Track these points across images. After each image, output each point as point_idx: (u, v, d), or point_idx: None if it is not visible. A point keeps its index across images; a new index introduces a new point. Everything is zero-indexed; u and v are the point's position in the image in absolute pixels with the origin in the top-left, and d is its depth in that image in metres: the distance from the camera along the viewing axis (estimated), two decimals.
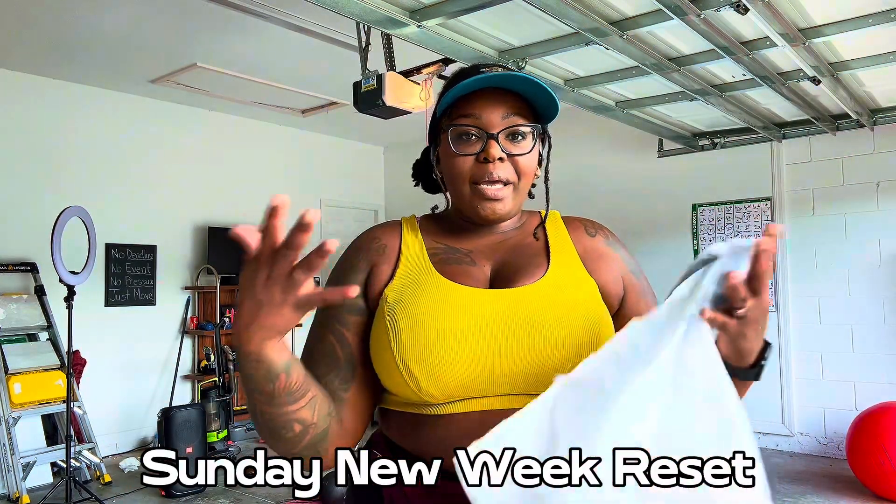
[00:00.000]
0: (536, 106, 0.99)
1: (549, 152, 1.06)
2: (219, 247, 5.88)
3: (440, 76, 3.74)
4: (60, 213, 3.96)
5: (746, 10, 2.55)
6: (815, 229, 4.95)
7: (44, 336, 4.77)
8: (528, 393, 0.88)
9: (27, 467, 4.24)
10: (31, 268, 4.81)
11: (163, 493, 4.16)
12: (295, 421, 0.86)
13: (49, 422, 4.65)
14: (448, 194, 1.06)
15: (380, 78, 3.37)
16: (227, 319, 5.99)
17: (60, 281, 3.94)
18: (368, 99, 3.42)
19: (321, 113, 6.11)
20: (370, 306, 0.98)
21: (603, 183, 5.96)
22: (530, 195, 1.07)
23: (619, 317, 0.99)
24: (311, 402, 0.86)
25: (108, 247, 5.32)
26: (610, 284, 1.01)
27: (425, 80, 3.62)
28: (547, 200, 1.07)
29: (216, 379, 5.31)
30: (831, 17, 2.96)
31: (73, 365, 4.42)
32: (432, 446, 0.90)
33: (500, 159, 0.96)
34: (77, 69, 4.88)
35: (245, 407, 6.11)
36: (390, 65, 3.56)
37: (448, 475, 0.83)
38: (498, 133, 0.96)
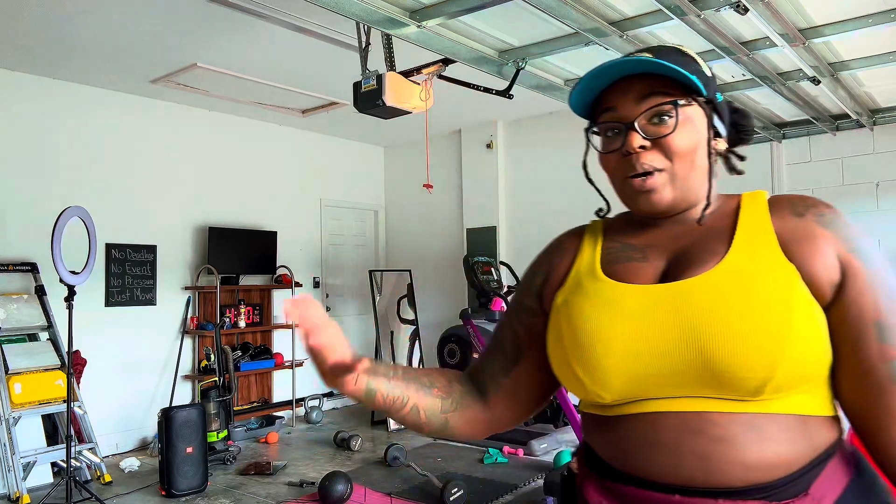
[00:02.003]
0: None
1: (710, 122, 0.92)
2: (219, 247, 5.89)
3: (440, 76, 3.74)
4: (60, 213, 3.96)
5: (746, 10, 2.55)
6: None
7: (44, 336, 4.78)
8: (706, 396, 0.82)
9: (27, 467, 4.24)
10: (32, 268, 4.81)
11: (163, 493, 4.16)
12: (412, 423, 1.01)
13: (49, 422, 4.66)
14: None
15: (380, 78, 3.38)
16: (227, 319, 5.99)
17: (61, 281, 3.94)
18: (368, 99, 3.42)
19: (321, 113, 6.12)
20: (545, 308, 1.01)
21: (603, 183, 5.95)
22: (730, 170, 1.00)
23: (837, 308, 0.83)
24: (413, 409, 0.99)
25: (109, 247, 5.33)
26: (819, 269, 0.84)
27: (425, 80, 3.62)
28: (709, 182, 0.94)
29: (216, 379, 5.32)
30: (831, 17, 2.97)
31: (73, 365, 4.42)
32: (611, 448, 0.90)
33: (643, 147, 0.89)
34: (77, 69, 4.88)
35: (245, 407, 6.14)
36: (390, 65, 3.57)
37: (623, 477, 0.87)
38: (635, 120, 0.89)
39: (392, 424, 5.80)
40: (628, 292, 0.89)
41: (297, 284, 6.46)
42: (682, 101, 0.89)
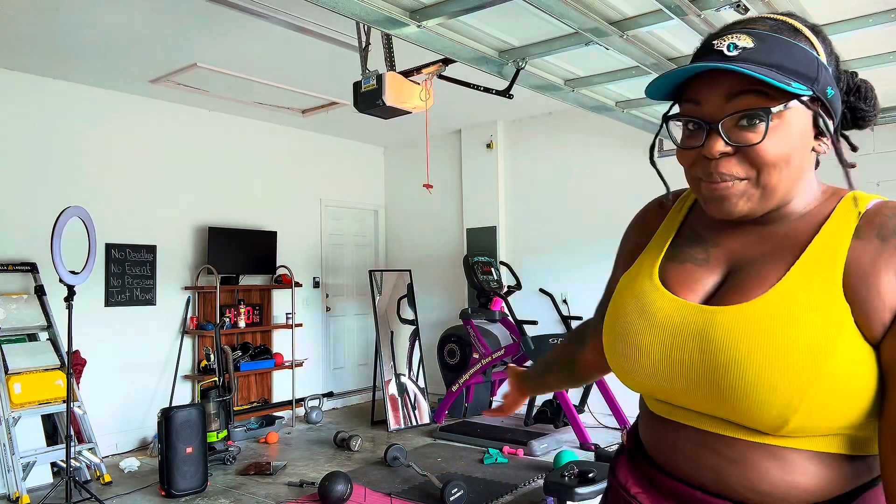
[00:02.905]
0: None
1: (836, 126, 0.85)
2: (219, 247, 5.89)
3: (440, 76, 3.74)
4: (60, 213, 3.96)
5: (747, 10, 2.55)
6: None
7: (44, 336, 4.77)
8: (725, 420, 0.80)
9: (27, 467, 4.24)
10: (31, 268, 4.81)
11: (162, 493, 4.16)
12: (569, 380, 1.29)
13: (49, 422, 4.65)
14: None
15: (380, 78, 3.38)
16: (227, 319, 5.99)
17: (60, 281, 3.94)
18: (368, 99, 3.42)
19: (321, 113, 6.12)
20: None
21: (603, 183, 5.96)
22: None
23: (881, 354, 0.75)
24: (558, 379, 1.33)
25: (108, 247, 5.33)
26: (876, 311, 0.74)
27: (425, 80, 3.62)
28: (850, 186, 0.86)
29: (216, 379, 5.32)
30: (831, 17, 2.96)
31: (73, 365, 4.42)
32: (648, 435, 0.95)
33: (725, 154, 0.80)
34: (77, 69, 4.88)
35: (245, 407, 6.13)
36: (390, 65, 3.57)
37: (654, 463, 0.93)
38: (720, 122, 0.79)
39: (392, 424, 5.80)
40: (665, 303, 0.86)
41: (297, 284, 6.46)
42: (776, 108, 0.78)
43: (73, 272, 3.97)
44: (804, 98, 0.79)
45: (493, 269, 6.16)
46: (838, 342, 0.73)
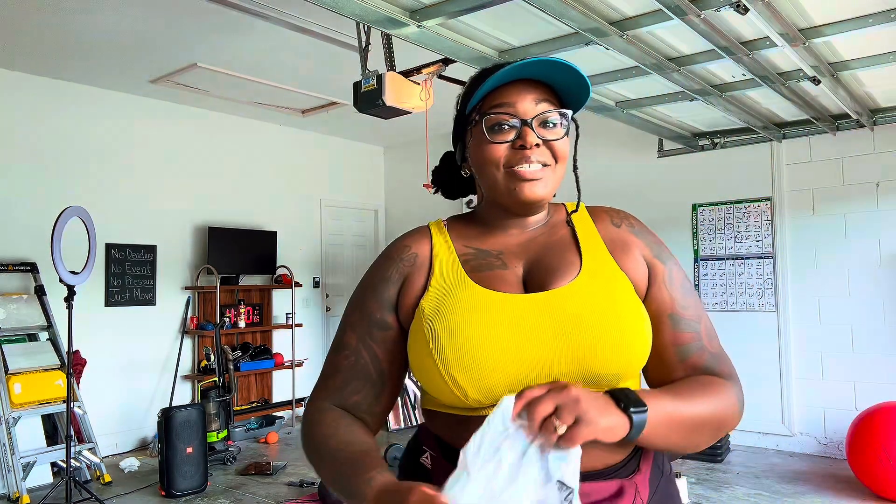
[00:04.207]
0: (565, 94, 1.02)
1: (577, 141, 1.06)
2: (219, 247, 5.89)
3: (440, 76, 3.73)
4: (60, 213, 3.96)
5: (746, 10, 2.55)
6: (815, 229, 4.95)
7: (44, 336, 4.77)
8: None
9: (27, 467, 4.24)
10: (32, 268, 4.81)
11: (162, 493, 4.16)
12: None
13: (49, 422, 4.65)
14: (481, 187, 1.07)
15: (380, 78, 3.37)
16: (227, 319, 5.99)
17: (60, 281, 3.95)
18: (368, 99, 3.41)
19: (321, 113, 6.12)
20: (402, 318, 1.02)
21: (603, 183, 5.95)
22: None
23: (646, 304, 0.99)
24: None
25: (108, 247, 5.33)
26: (637, 274, 1.01)
27: (425, 80, 3.62)
28: (578, 191, 1.07)
29: (216, 379, 5.32)
30: (831, 17, 2.96)
31: (73, 365, 4.42)
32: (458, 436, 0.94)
33: (537, 145, 0.97)
34: (77, 69, 4.88)
35: (245, 407, 6.12)
36: (390, 65, 3.56)
37: None
38: (532, 119, 0.97)
39: (392, 424, 5.80)
40: (504, 301, 0.94)
41: (297, 284, 6.46)
42: (570, 114, 1.01)
43: (73, 272, 3.97)
44: (573, 117, 1.03)
45: None
46: (635, 299, 0.97)
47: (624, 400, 0.82)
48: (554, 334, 0.90)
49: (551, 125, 0.99)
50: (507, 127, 0.98)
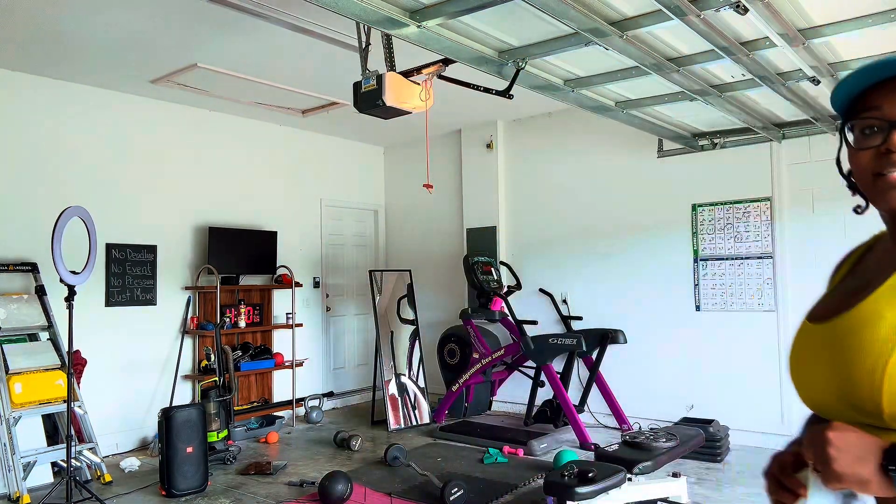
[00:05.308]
0: None
1: None
2: (219, 247, 5.89)
3: (440, 76, 3.74)
4: (60, 213, 3.96)
5: (746, 10, 2.55)
6: (815, 229, 4.95)
7: (44, 336, 4.78)
8: (865, 423, 0.86)
9: (28, 467, 4.24)
10: (32, 268, 4.82)
11: (163, 493, 4.17)
12: None
13: (49, 422, 4.66)
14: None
15: (380, 78, 3.38)
16: (227, 319, 5.99)
17: (61, 281, 3.95)
18: (368, 99, 3.42)
19: (321, 113, 6.12)
20: None
21: (603, 183, 5.96)
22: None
23: None
24: None
25: (109, 247, 5.33)
26: None
27: (425, 80, 3.63)
28: None
29: (216, 379, 5.32)
30: (831, 18, 2.97)
31: (73, 365, 4.42)
32: None
33: None
34: (78, 69, 4.89)
35: (245, 407, 6.12)
36: (390, 65, 3.57)
37: None
38: None
39: (392, 424, 5.81)
40: (799, 328, 1.00)
41: (297, 284, 6.46)
42: None
43: (73, 272, 3.97)
44: None
45: (493, 269, 6.16)
46: None
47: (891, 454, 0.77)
48: (824, 367, 0.91)
49: None
50: (874, 131, 0.92)
